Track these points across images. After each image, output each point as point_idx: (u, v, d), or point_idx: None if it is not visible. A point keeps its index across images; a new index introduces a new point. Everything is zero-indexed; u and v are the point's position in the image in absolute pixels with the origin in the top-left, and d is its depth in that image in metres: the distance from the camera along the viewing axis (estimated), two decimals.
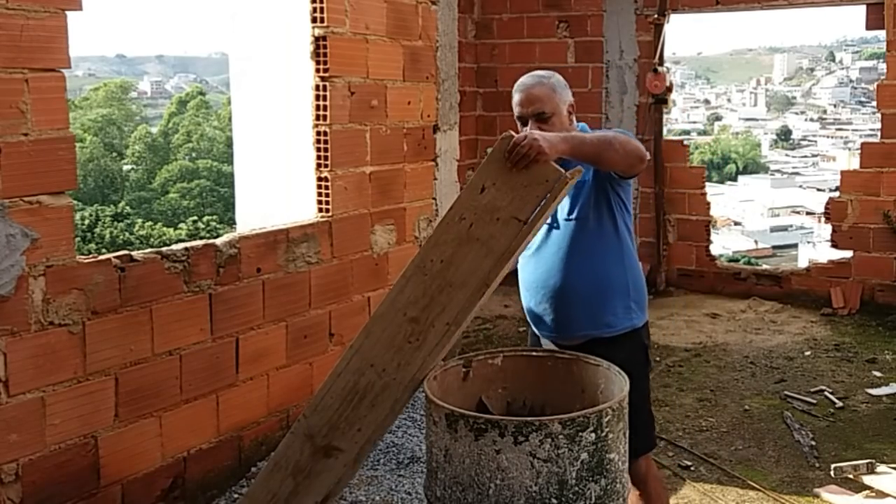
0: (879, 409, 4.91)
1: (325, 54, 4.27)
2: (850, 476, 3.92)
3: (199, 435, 3.77)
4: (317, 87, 4.32)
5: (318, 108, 4.33)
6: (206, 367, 3.76)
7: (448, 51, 5.33)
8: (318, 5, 4.28)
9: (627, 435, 2.52)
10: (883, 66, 7.01)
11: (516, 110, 2.94)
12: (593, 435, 2.34)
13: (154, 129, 43.07)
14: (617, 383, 2.60)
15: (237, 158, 4.79)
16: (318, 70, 4.30)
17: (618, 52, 7.64)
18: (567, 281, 2.88)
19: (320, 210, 4.39)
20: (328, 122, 4.32)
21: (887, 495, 3.74)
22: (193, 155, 39.54)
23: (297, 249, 4.17)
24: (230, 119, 5.50)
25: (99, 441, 3.33)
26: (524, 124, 2.92)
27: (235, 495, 3.86)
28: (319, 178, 4.38)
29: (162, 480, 3.59)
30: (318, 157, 4.36)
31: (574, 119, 2.99)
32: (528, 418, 2.40)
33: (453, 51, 5.43)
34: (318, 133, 4.35)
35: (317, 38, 4.29)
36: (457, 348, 5.08)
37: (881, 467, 3.95)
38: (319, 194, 4.38)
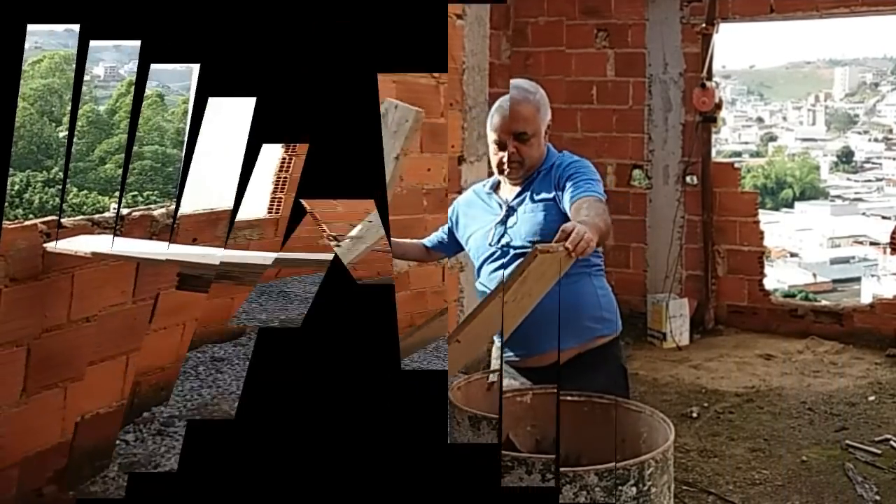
0: None
1: None
2: None
3: (101, 399, 3.76)
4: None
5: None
6: (122, 327, 3.79)
7: (477, 73, 5.14)
8: None
9: (672, 489, 2.49)
10: None
11: (495, 134, 2.91)
12: (634, 489, 2.29)
13: (102, 108, 43.44)
14: (661, 432, 2.57)
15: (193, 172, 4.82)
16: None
17: (661, 65, 7.58)
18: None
19: None
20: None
21: None
22: (143, 142, 39.77)
23: (239, 232, 4.35)
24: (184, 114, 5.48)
25: (1, 419, 3.28)
26: (501, 148, 2.91)
27: (117, 441, 3.86)
28: None
29: (59, 458, 3.56)
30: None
31: (548, 139, 2.96)
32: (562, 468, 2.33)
33: (483, 74, 5.23)
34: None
35: None
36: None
37: None
38: None
